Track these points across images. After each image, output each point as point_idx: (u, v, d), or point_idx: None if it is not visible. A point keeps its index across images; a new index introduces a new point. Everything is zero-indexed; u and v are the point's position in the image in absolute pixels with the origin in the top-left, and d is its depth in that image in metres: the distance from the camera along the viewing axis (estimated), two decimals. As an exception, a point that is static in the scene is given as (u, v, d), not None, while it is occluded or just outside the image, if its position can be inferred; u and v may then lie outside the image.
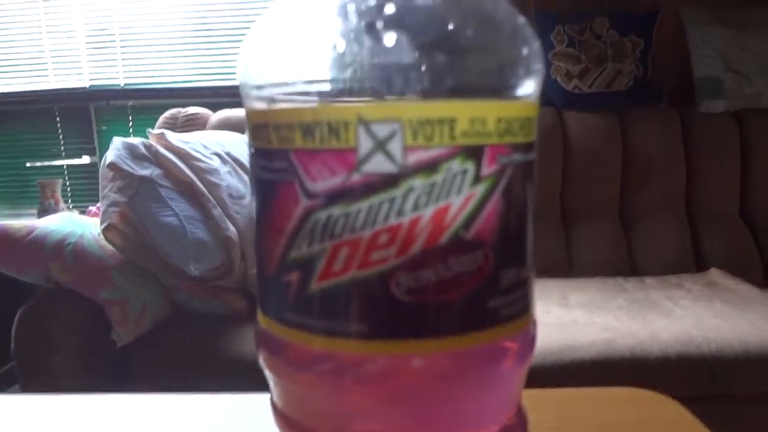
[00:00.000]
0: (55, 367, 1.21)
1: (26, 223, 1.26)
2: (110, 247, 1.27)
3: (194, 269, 1.26)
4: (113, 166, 1.28)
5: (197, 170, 1.38)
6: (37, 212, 1.85)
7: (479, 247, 0.21)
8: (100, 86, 2.03)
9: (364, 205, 0.20)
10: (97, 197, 1.47)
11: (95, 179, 1.93)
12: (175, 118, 1.74)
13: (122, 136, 1.37)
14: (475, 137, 0.20)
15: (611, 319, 1.26)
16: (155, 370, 1.24)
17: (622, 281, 1.52)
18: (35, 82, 2.05)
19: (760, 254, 1.61)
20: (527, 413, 0.25)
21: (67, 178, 2.07)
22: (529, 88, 0.23)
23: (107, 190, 1.29)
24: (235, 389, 1.20)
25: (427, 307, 0.21)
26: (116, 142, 1.32)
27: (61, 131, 2.06)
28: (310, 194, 0.21)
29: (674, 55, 1.77)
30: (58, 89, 2.03)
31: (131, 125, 2.04)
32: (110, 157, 1.29)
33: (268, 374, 0.24)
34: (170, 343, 1.26)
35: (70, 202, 2.05)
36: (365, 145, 0.20)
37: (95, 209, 1.61)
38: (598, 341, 1.17)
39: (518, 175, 0.22)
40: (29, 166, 2.07)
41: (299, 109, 0.21)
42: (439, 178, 0.20)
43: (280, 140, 0.21)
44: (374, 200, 0.20)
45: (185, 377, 1.21)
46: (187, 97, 1.94)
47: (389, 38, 0.20)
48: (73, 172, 2.08)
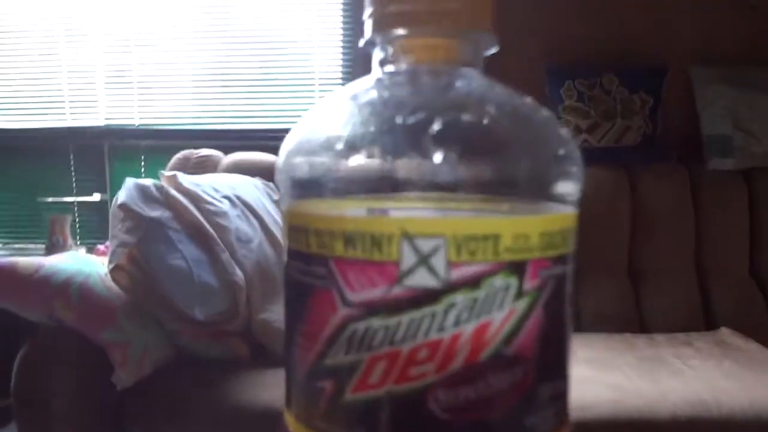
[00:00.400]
0: (53, 408, 1.19)
1: (34, 260, 1.26)
2: (116, 288, 1.27)
3: (199, 313, 1.26)
4: (124, 206, 1.28)
5: (207, 213, 1.38)
6: (45, 247, 1.85)
7: (519, 363, 0.20)
8: (115, 126, 2.06)
9: (404, 318, 0.20)
10: (105, 235, 1.48)
11: (105, 217, 1.94)
12: (186, 159, 1.75)
13: (134, 175, 1.38)
14: (518, 253, 0.20)
15: (620, 376, 1.24)
16: (154, 414, 1.22)
17: (630, 337, 1.50)
18: (52, 119, 2.08)
19: (770, 314, 1.59)
20: None
21: (76, 214, 2.08)
22: (568, 190, 0.23)
23: (117, 230, 1.29)
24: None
25: (464, 424, 0.20)
26: (128, 182, 1.33)
27: (73, 168, 2.08)
28: (349, 303, 0.20)
29: (683, 112, 1.79)
30: (73, 127, 2.06)
31: (143, 165, 2.06)
32: (122, 197, 1.30)
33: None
34: (171, 387, 1.25)
35: (78, 238, 2.05)
36: (408, 259, 0.20)
37: (104, 248, 1.61)
38: (605, 400, 1.15)
39: (559, 287, 0.21)
40: (40, 200, 2.08)
41: (342, 217, 0.21)
42: (481, 293, 0.20)
43: (319, 246, 0.21)
44: (415, 314, 0.20)
45: (184, 423, 1.19)
46: (199, 138, 1.96)
47: (433, 148, 0.20)
48: (82, 208, 2.09)
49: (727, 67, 1.77)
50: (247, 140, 1.92)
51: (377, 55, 0.25)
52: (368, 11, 0.24)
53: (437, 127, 0.20)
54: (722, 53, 1.79)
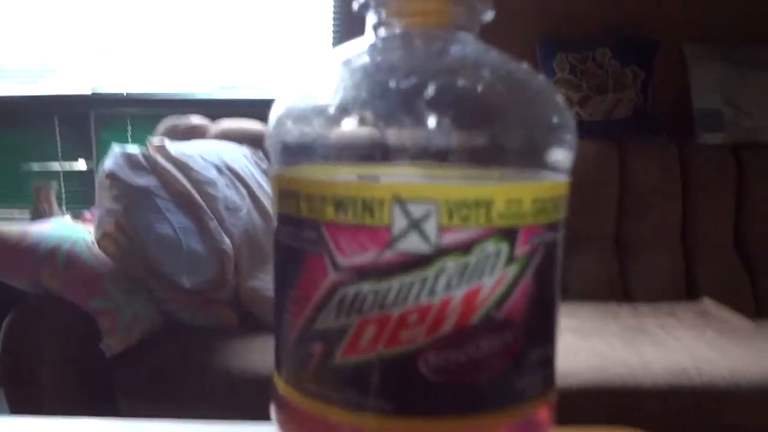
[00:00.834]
0: (40, 376, 1.20)
1: (20, 228, 1.25)
2: (104, 255, 1.26)
3: (187, 281, 1.25)
4: (111, 175, 1.27)
5: (195, 181, 1.37)
6: (30, 215, 1.83)
7: (509, 327, 0.21)
8: (101, 93, 2.02)
9: (395, 283, 0.20)
10: (91, 203, 1.46)
11: (91, 185, 1.92)
12: (174, 127, 1.73)
13: (121, 143, 1.36)
14: (510, 219, 0.20)
15: (603, 345, 1.26)
16: (143, 381, 1.22)
17: (615, 307, 1.52)
18: (37, 87, 2.04)
19: (752, 286, 1.62)
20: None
21: (62, 182, 2.05)
22: (561, 158, 0.23)
23: (103, 198, 1.28)
24: (221, 402, 1.18)
25: (454, 386, 0.20)
26: (115, 150, 1.31)
27: (59, 136, 2.05)
28: (339, 268, 0.20)
29: (675, 86, 1.79)
30: (59, 95, 2.02)
31: (130, 133, 2.03)
32: (108, 165, 1.28)
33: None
34: (159, 354, 1.25)
35: (64, 206, 2.03)
36: (400, 223, 0.19)
37: (90, 215, 1.60)
38: (588, 368, 1.16)
39: (549, 254, 0.21)
40: (24, 168, 2.05)
41: (333, 182, 0.20)
42: (472, 258, 0.20)
43: (310, 211, 0.21)
44: (406, 279, 0.20)
45: (173, 390, 1.20)
46: (187, 107, 1.93)
47: (426, 114, 0.20)
48: (68, 176, 2.06)
49: (719, 42, 1.76)
50: (234, 108, 1.90)
51: (371, 18, 0.24)
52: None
53: (430, 92, 0.20)
54: (715, 28, 1.79)
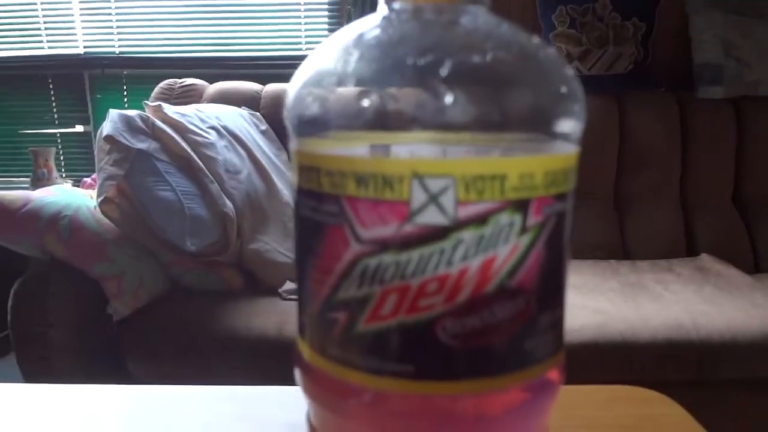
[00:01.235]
0: (50, 339, 1.22)
1: (21, 194, 1.25)
2: (106, 221, 1.27)
3: (191, 244, 1.27)
4: (110, 138, 1.27)
5: (194, 144, 1.37)
6: (30, 181, 1.83)
7: (521, 294, 0.22)
8: (94, 53, 2.00)
9: (414, 254, 0.21)
10: (90, 167, 1.46)
11: (89, 148, 1.91)
12: (171, 89, 1.72)
13: (117, 105, 1.35)
14: (523, 191, 0.21)
15: (604, 301, 1.28)
16: (151, 344, 1.25)
17: (615, 264, 1.54)
18: (28, 47, 2.01)
19: (750, 241, 1.64)
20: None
21: (60, 146, 2.04)
22: (570, 128, 0.24)
23: (103, 162, 1.28)
24: (229, 364, 1.20)
25: (470, 350, 0.21)
26: (112, 113, 1.30)
27: (54, 99, 2.03)
28: (361, 240, 0.21)
29: (675, 40, 1.77)
30: (51, 55, 1.99)
31: (126, 94, 2.01)
32: (107, 129, 1.28)
33: (308, 400, 0.25)
34: (166, 317, 1.27)
35: (63, 171, 2.03)
36: (418, 198, 0.20)
37: (91, 180, 1.60)
38: (589, 324, 1.19)
39: (559, 222, 0.22)
40: (22, 133, 2.04)
41: (353, 158, 0.21)
42: (487, 230, 0.21)
43: (331, 185, 0.22)
44: (425, 250, 0.20)
45: (180, 352, 1.23)
46: (183, 67, 1.91)
47: (439, 84, 0.20)
48: (66, 140, 2.05)
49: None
50: (232, 68, 1.88)
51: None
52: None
53: (443, 64, 0.20)
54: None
